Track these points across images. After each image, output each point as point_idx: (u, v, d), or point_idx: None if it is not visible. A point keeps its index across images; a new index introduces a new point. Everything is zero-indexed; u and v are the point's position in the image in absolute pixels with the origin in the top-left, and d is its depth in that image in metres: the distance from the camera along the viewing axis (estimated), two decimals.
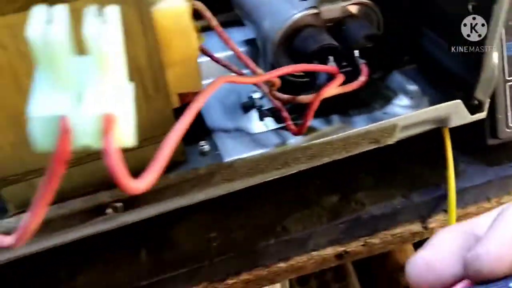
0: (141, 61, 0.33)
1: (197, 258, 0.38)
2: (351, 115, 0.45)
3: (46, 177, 0.20)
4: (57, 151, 0.20)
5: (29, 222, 0.21)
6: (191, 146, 0.41)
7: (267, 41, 0.44)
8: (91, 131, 0.20)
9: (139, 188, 0.22)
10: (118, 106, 0.21)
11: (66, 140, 0.20)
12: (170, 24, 0.36)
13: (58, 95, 0.20)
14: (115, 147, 0.20)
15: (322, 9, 0.42)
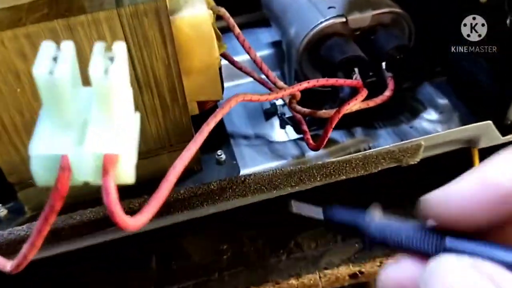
0: (159, 71, 0.33)
1: (207, 270, 0.38)
2: (375, 127, 0.43)
3: (45, 210, 0.20)
4: (56, 187, 0.20)
5: (27, 251, 0.21)
6: (208, 155, 0.40)
7: (292, 48, 0.42)
8: (91, 169, 0.20)
9: (135, 226, 0.21)
10: (119, 145, 0.20)
11: (65, 177, 0.20)
12: (192, 32, 0.35)
13: (60, 134, 0.20)
14: (113, 186, 0.20)
15: (350, 17, 0.40)
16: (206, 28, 0.35)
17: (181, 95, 0.35)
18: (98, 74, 0.19)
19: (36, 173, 0.20)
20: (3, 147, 0.33)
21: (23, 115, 0.32)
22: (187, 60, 0.36)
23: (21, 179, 0.35)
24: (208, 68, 0.37)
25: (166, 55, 0.32)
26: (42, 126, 0.20)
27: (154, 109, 0.35)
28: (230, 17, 0.38)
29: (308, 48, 0.41)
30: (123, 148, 0.20)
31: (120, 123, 0.20)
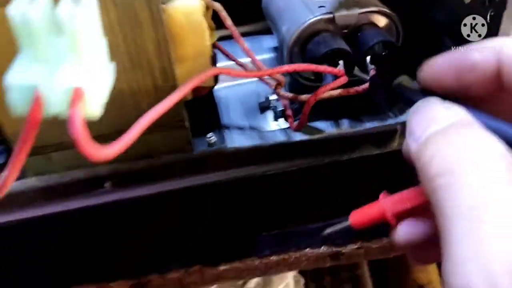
0: (149, 51, 0.36)
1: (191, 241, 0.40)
2: (362, 121, 0.45)
3: (20, 139, 0.23)
4: (29, 116, 0.23)
5: (6, 178, 0.24)
6: (199, 138, 0.43)
7: (283, 45, 0.45)
8: (60, 101, 0.23)
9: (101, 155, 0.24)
10: (88, 82, 0.23)
11: (37, 108, 0.23)
12: (183, 20, 0.38)
13: (34, 68, 0.23)
14: (79, 116, 0.23)
15: (337, 15, 0.43)
16: (198, 17, 0.38)
17: (171, 77, 0.38)
18: (66, 15, 0.22)
19: (12, 104, 0.23)
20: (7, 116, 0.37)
21: None
22: (180, 48, 0.39)
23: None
24: (201, 55, 0.40)
25: (156, 36, 0.36)
26: (19, 61, 0.23)
27: (147, 88, 0.38)
28: (223, 10, 0.41)
29: (297, 43, 0.44)
30: (91, 83, 0.23)
31: (91, 63, 0.24)
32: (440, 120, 0.22)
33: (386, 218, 0.25)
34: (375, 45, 0.42)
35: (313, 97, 0.36)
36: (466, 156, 0.19)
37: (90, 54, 0.24)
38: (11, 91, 0.23)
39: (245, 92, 0.53)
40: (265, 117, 0.49)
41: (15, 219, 0.34)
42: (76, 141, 0.23)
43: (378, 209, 0.26)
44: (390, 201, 0.25)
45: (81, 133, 0.23)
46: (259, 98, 0.52)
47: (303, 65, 0.37)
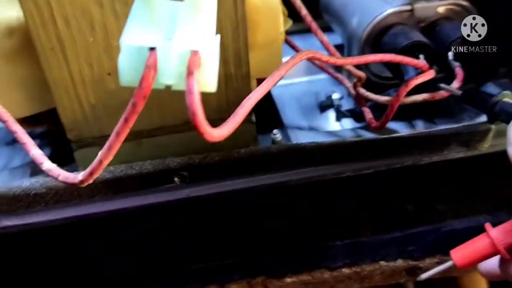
0: (227, 32, 0.33)
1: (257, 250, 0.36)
2: (436, 124, 0.42)
3: (126, 112, 0.20)
4: (140, 85, 0.19)
5: (103, 156, 0.21)
6: (264, 136, 0.40)
7: (353, 39, 0.42)
8: (175, 70, 0.20)
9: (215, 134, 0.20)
10: (206, 47, 0.20)
11: (150, 76, 0.19)
12: (260, 3, 0.35)
13: (151, 30, 0.19)
14: (197, 87, 0.19)
15: (416, 6, 0.40)
16: (274, 1, 0.35)
17: (245, 63, 0.35)
18: None
19: (122, 69, 0.20)
20: (68, 101, 0.33)
21: (92, 68, 0.32)
22: (252, 33, 0.36)
23: (80, 136, 0.35)
24: (273, 43, 0.37)
25: (235, 17, 0.33)
26: (132, 22, 0.20)
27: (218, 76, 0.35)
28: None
29: (371, 37, 0.41)
30: (208, 49, 0.20)
31: (207, 29, 0.20)
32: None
33: (498, 252, 0.23)
34: (457, 40, 0.39)
35: (401, 92, 0.33)
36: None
37: (207, 18, 0.20)
38: (125, 54, 0.19)
39: (299, 91, 0.50)
40: (326, 116, 0.46)
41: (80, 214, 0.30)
42: (194, 115, 0.19)
43: (488, 243, 0.24)
44: (499, 232, 0.24)
45: (199, 107, 0.19)
46: (316, 97, 0.48)
47: (389, 55, 0.34)
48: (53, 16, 0.30)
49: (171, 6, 0.20)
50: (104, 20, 0.31)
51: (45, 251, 0.33)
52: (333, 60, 0.31)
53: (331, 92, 0.46)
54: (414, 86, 0.33)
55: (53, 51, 0.31)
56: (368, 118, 0.36)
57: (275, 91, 0.49)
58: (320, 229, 0.37)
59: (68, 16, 0.30)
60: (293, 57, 0.29)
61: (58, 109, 0.34)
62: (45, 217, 0.31)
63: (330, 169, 0.35)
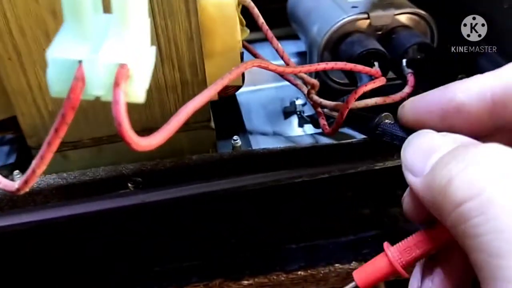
0: (181, 43, 0.34)
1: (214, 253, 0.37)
2: None
3: (56, 123, 0.21)
4: (69, 96, 0.20)
5: (36, 166, 0.21)
6: (224, 141, 0.41)
7: (313, 46, 0.43)
8: (103, 82, 0.21)
9: (143, 143, 0.21)
10: (134, 60, 0.21)
11: (78, 87, 0.20)
12: (216, 12, 0.36)
13: (78, 43, 0.20)
14: (123, 98, 0.20)
15: (372, 15, 0.41)
16: (230, 10, 0.36)
17: (201, 71, 0.36)
18: None
19: (51, 81, 0.20)
20: (26, 108, 0.34)
21: None
22: (210, 42, 0.37)
23: (40, 142, 0.36)
24: (230, 51, 0.38)
25: (189, 27, 0.34)
26: (62, 35, 0.20)
27: (174, 83, 0.36)
28: (255, 7, 0.39)
29: (329, 43, 0.42)
30: (137, 62, 0.21)
31: (136, 42, 0.21)
32: (442, 146, 0.20)
33: (396, 272, 0.23)
34: (411, 47, 0.40)
35: (352, 96, 0.34)
36: (493, 172, 0.17)
37: (136, 32, 0.21)
38: (52, 66, 0.20)
39: (266, 97, 0.51)
40: (290, 122, 0.47)
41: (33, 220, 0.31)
42: (119, 126, 0.20)
43: (386, 263, 0.23)
44: (396, 251, 0.23)
45: (124, 117, 0.20)
46: (282, 103, 0.50)
47: (341, 63, 0.35)
48: (9, 27, 0.31)
49: (103, 20, 0.21)
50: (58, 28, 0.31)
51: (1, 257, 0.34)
52: (281, 69, 0.32)
53: (295, 98, 0.47)
54: (363, 92, 0.34)
55: (10, 61, 0.32)
56: (322, 124, 0.37)
57: (243, 97, 0.50)
58: (275, 232, 0.38)
59: (23, 27, 0.31)
60: (238, 66, 0.30)
61: (18, 116, 0.35)
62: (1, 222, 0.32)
63: (284, 174, 0.35)
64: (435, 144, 0.20)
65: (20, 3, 0.30)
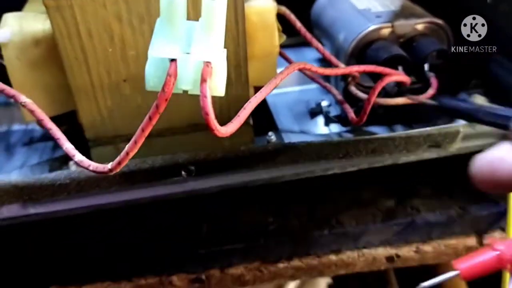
0: (229, 47, 0.37)
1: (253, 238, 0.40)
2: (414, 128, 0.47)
3: (150, 111, 0.24)
4: (163, 89, 0.24)
5: (129, 149, 0.25)
6: (260, 137, 0.44)
7: (340, 52, 0.47)
8: (191, 78, 0.24)
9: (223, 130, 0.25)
10: (216, 60, 0.24)
11: (171, 82, 0.24)
12: (258, 20, 0.40)
13: (172, 44, 0.24)
14: (209, 92, 0.24)
15: (395, 24, 0.45)
16: (270, 18, 0.40)
17: (244, 73, 0.39)
18: None
19: (148, 76, 0.24)
20: (87, 103, 0.38)
21: (110, 75, 0.37)
22: (250, 47, 0.41)
23: (97, 136, 0.39)
24: (268, 55, 0.41)
25: (237, 34, 0.37)
26: (158, 37, 0.24)
27: None
28: (292, 14, 0.43)
29: (356, 50, 0.45)
30: (218, 61, 0.24)
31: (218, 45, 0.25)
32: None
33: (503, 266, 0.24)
34: (432, 52, 0.44)
35: (378, 85, 0.38)
36: None
37: (218, 36, 0.25)
38: (151, 64, 0.24)
39: (292, 99, 0.55)
40: (316, 122, 0.51)
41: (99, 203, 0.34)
42: (206, 115, 0.24)
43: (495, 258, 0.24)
44: (506, 247, 0.24)
45: (211, 108, 0.24)
46: (307, 105, 0.53)
47: (371, 66, 0.39)
48: (78, 30, 0.35)
49: (189, 25, 0.25)
50: (122, 33, 0.35)
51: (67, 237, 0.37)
52: (321, 70, 0.36)
53: (320, 100, 0.51)
54: (387, 82, 0.38)
55: (77, 61, 0.36)
56: (348, 113, 0.41)
57: (270, 99, 0.54)
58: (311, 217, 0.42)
59: (91, 30, 0.35)
60: (287, 68, 0.34)
61: (78, 111, 0.38)
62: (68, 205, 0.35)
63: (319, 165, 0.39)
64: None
65: (89, 9, 0.34)
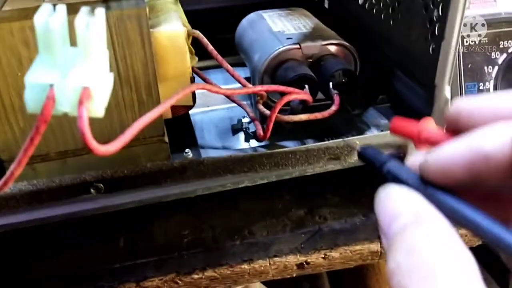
0: (137, 68, 0.40)
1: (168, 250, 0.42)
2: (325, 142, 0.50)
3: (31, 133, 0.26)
4: (42, 112, 0.26)
5: (14, 169, 0.27)
6: (177, 154, 0.46)
7: (255, 72, 0.50)
8: (70, 101, 0.26)
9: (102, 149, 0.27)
10: (95, 84, 0.26)
11: (50, 105, 0.26)
12: (169, 44, 0.42)
13: (50, 70, 0.26)
14: (86, 114, 0.26)
15: (303, 45, 0.48)
16: (181, 41, 0.43)
17: (155, 92, 0.42)
18: (82, 23, 0.25)
19: (28, 100, 0.26)
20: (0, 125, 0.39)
21: (21, 98, 0.38)
22: (163, 68, 0.43)
23: (11, 156, 0.41)
24: (181, 76, 0.44)
25: (144, 55, 0.40)
26: (36, 64, 0.26)
27: (131, 103, 0.41)
28: (204, 37, 0.45)
29: (268, 69, 0.48)
30: (98, 85, 0.27)
31: (96, 70, 0.27)
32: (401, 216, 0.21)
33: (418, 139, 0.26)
34: (336, 72, 0.47)
35: (278, 104, 0.40)
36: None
37: (96, 62, 0.27)
38: (29, 89, 0.25)
39: (218, 117, 0.57)
40: (238, 138, 0.53)
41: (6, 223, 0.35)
42: (83, 136, 0.26)
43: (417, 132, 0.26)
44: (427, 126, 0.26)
45: (87, 128, 0.26)
46: (231, 122, 0.56)
47: (274, 86, 0.42)
48: None
49: (70, 52, 0.27)
50: (30, 57, 0.37)
51: None
52: (223, 91, 0.39)
53: (242, 117, 0.53)
54: (287, 100, 0.41)
55: None
56: (257, 129, 0.44)
57: (197, 117, 0.57)
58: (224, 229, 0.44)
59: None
60: (183, 88, 0.36)
61: None
62: None
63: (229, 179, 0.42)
64: (395, 212, 0.21)
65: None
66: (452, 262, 0.18)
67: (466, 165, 0.21)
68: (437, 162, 0.22)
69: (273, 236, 0.44)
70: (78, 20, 0.26)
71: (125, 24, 0.38)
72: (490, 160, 0.21)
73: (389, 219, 0.21)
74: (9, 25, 0.36)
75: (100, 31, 0.27)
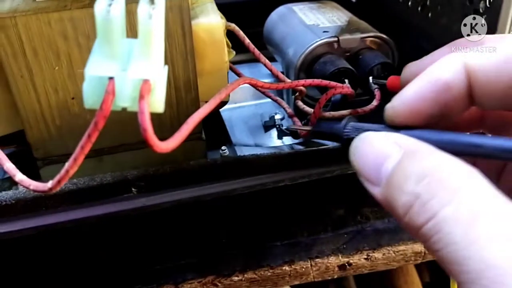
0: (178, 62, 0.38)
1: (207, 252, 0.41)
2: None
3: (89, 129, 0.24)
4: (101, 107, 0.24)
5: (69, 167, 0.25)
6: (214, 151, 0.45)
7: (290, 67, 0.48)
8: (130, 95, 0.25)
9: (163, 146, 0.25)
10: (155, 77, 0.25)
11: (109, 99, 0.24)
12: (206, 37, 0.41)
13: (110, 62, 0.24)
14: (147, 109, 0.24)
15: (341, 38, 0.46)
16: (219, 34, 0.41)
17: (194, 88, 0.40)
18: (145, 13, 0.24)
19: (86, 94, 0.24)
20: (35, 123, 0.37)
21: (57, 93, 0.37)
22: (200, 63, 0.41)
23: (46, 155, 0.39)
24: (218, 71, 0.42)
25: (184, 49, 0.38)
26: (95, 55, 0.24)
27: (170, 100, 0.40)
28: (240, 30, 0.44)
29: (304, 64, 0.47)
30: (158, 78, 0.25)
31: (156, 62, 0.25)
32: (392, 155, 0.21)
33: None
34: (376, 66, 0.46)
35: (323, 98, 0.39)
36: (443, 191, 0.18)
37: (156, 54, 0.25)
38: (88, 82, 0.24)
39: (247, 113, 0.56)
40: (270, 135, 0.52)
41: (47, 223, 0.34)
42: (144, 132, 0.24)
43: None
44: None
45: (149, 124, 0.24)
46: (261, 118, 0.54)
47: (317, 80, 0.40)
48: (23, 48, 0.35)
49: (128, 43, 0.25)
50: (68, 50, 0.35)
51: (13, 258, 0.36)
52: (267, 85, 0.37)
53: (274, 114, 0.52)
54: (331, 95, 0.39)
55: (22, 79, 0.36)
56: (297, 126, 0.42)
57: (225, 113, 0.55)
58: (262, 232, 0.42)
59: (36, 48, 0.35)
60: (231, 83, 0.34)
61: (26, 130, 0.38)
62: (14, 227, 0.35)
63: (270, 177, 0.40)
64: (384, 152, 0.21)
65: (34, 27, 0.34)
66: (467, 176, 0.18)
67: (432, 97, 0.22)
68: (404, 103, 0.23)
69: (314, 236, 0.42)
70: (141, 9, 0.24)
71: (167, 15, 0.36)
72: (451, 88, 0.22)
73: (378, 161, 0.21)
74: (47, 16, 0.34)
75: (161, 21, 0.25)
